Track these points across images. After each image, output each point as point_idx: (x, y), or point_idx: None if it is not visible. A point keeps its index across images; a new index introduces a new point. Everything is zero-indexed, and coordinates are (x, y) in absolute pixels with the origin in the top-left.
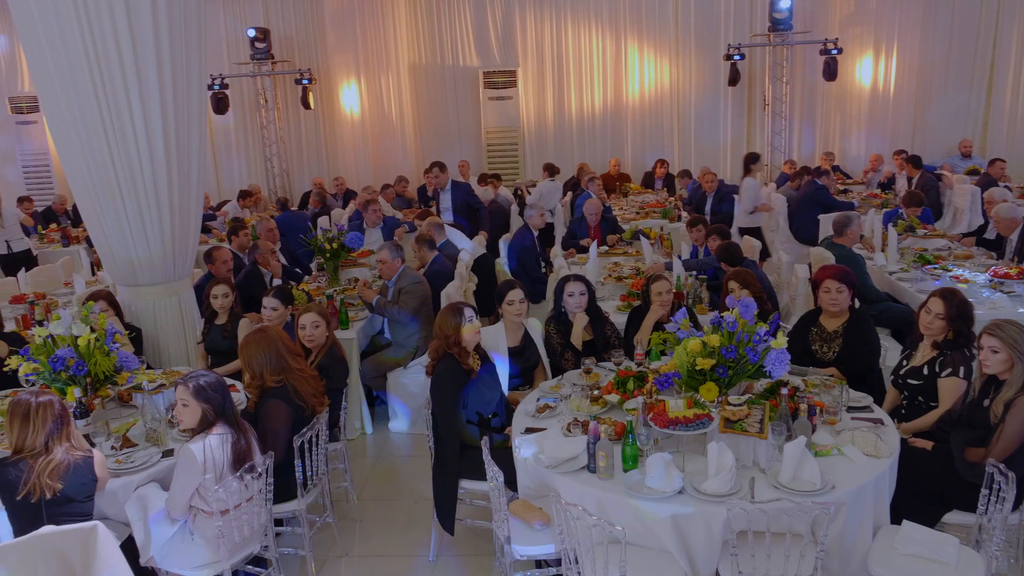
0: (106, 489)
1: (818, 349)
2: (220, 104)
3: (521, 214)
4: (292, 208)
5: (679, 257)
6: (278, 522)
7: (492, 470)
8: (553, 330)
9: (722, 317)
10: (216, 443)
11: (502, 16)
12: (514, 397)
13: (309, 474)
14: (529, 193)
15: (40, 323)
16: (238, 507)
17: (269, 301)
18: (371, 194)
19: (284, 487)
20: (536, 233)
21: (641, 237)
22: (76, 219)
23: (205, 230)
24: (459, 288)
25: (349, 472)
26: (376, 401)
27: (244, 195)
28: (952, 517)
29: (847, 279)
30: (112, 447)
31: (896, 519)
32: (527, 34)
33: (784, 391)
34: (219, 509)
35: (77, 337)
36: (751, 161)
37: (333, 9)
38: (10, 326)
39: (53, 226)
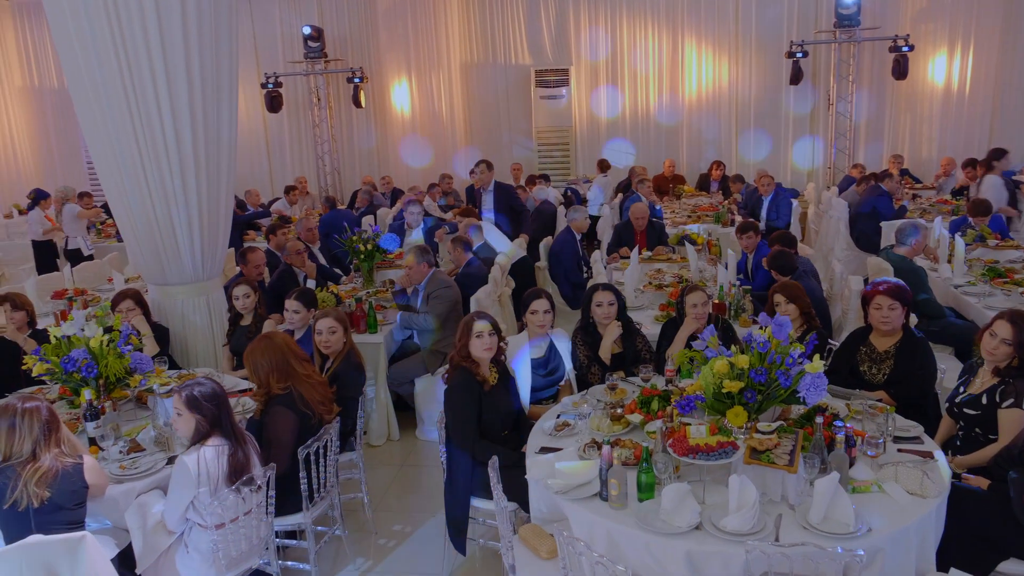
0: (107, 496)
1: (866, 370)
2: (274, 102)
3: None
4: (340, 207)
5: (725, 265)
6: (289, 534)
7: (498, 491)
8: (580, 341)
9: (754, 335)
10: (211, 455)
11: (556, 13)
12: (535, 412)
13: (316, 486)
14: (579, 192)
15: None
16: (235, 521)
17: (291, 304)
18: (417, 194)
19: (289, 499)
20: (580, 236)
21: (686, 243)
22: None
23: (255, 228)
24: (491, 293)
25: (365, 483)
26: (404, 407)
27: (288, 190)
28: (1008, 567)
29: (901, 296)
30: (120, 451)
31: (943, 567)
32: (581, 31)
33: (819, 419)
34: (214, 523)
35: (89, 338)
36: None
37: (386, 7)
38: (49, 322)
39: (110, 221)
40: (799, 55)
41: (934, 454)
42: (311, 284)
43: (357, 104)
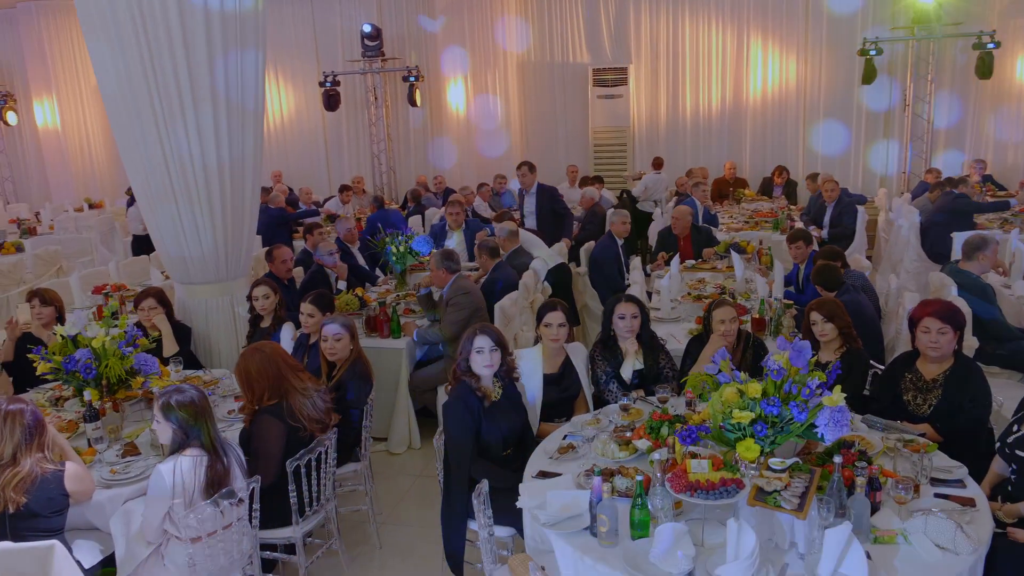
0: (94, 501)
1: (910, 400)
2: (331, 101)
3: None
4: (389, 206)
5: (761, 279)
6: (290, 548)
7: (482, 518)
8: (599, 356)
9: (772, 361)
10: (188, 465)
11: (616, 10)
12: (545, 430)
13: (308, 499)
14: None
15: (113, 315)
16: (213, 534)
17: (306, 307)
18: (467, 195)
19: (278, 512)
20: (621, 241)
21: (732, 252)
22: None
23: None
24: (518, 300)
25: (370, 495)
26: (428, 414)
27: (343, 189)
28: None
29: (953, 318)
30: (116, 455)
31: None
32: (641, 29)
33: (838, 458)
34: (190, 536)
35: (91, 339)
36: None
37: (444, 5)
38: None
39: None
40: (873, 53)
41: (976, 501)
42: (342, 285)
43: (412, 103)
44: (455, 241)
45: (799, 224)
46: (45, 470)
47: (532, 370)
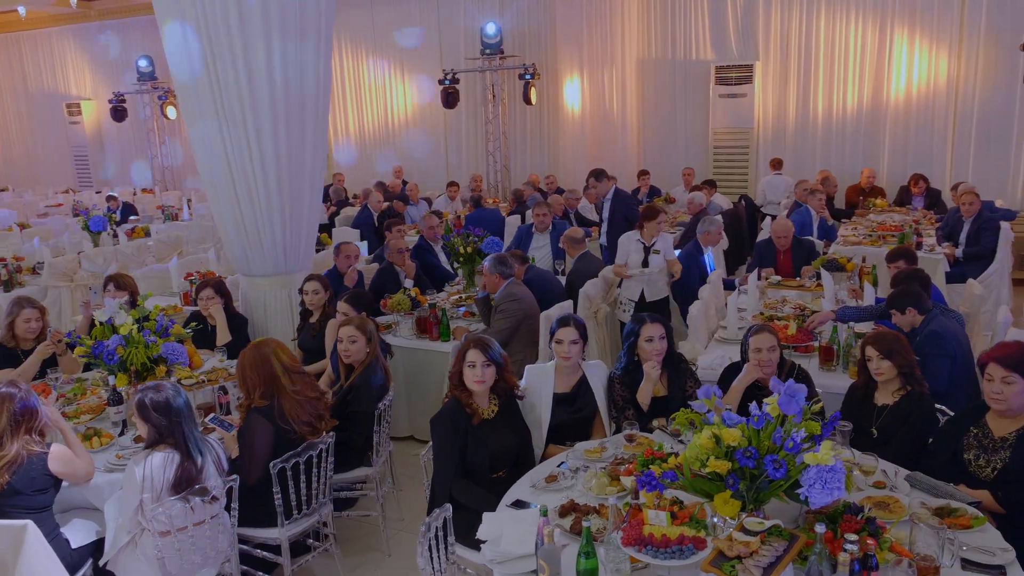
0: (93, 483)
1: (972, 460)
2: (449, 98)
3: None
4: (494, 205)
5: (853, 302)
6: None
7: (449, 542)
8: (618, 380)
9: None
10: (158, 462)
11: (744, 3)
12: (552, 453)
13: (296, 502)
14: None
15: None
16: (183, 530)
17: (341, 306)
18: (570, 198)
19: (265, 512)
20: (708, 249)
21: (823, 270)
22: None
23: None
24: (594, 299)
25: (382, 501)
26: None
27: (451, 185)
28: None
29: (1022, 366)
30: (133, 440)
31: None
32: (771, 23)
33: (821, 528)
34: (158, 529)
35: (118, 326)
36: None
37: (564, 2)
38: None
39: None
40: None
41: None
42: (408, 284)
43: (527, 101)
44: (540, 243)
45: (930, 240)
46: (32, 452)
47: (540, 388)
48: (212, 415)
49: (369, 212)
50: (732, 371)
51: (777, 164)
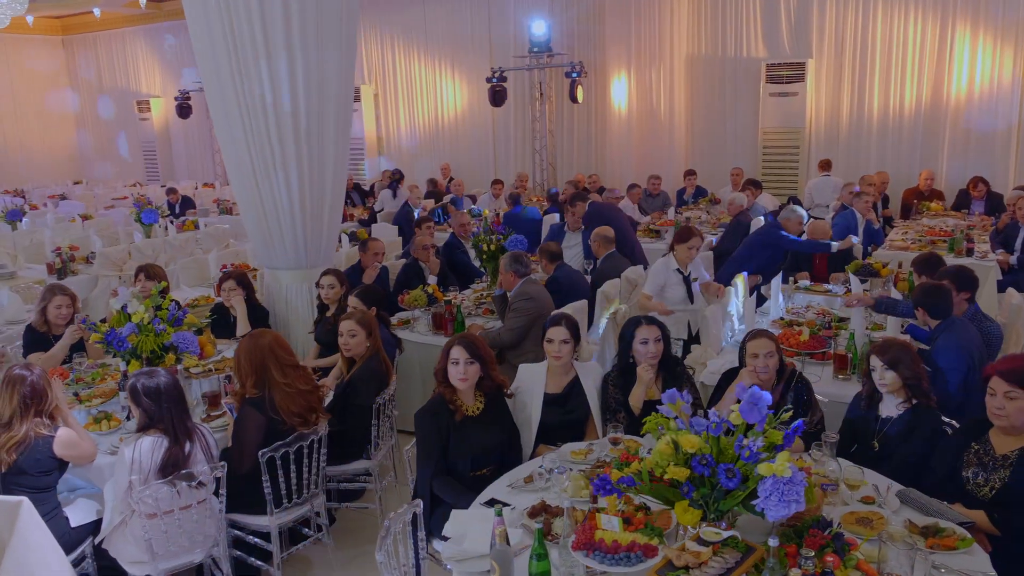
0: (95, 465)
1: (970, 478)
2: (496, 97)
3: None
4: (524, 204)
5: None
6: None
7: (418, 537)
8: (612, 383)
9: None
10: (147, 447)
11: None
12: (543, 453)
13: (285, 491)
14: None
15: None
16: (169, 513)
17: (351, 300)
18: (609, 197)
19: (255, 500)
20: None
21: (851, 275)
22: (362, 198)
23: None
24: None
25: (380, 492)
26: None
27: (495, 183)
28: None
29: None
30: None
31: None
32: (825, 19)
33: (773, 541)
34: (145, 512)
35: (130, 314)
36: None
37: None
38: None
39: None
40: None
41: None
42: (432, 280)
43: (573, 99)
44: (572, 243)
45: (983, 246)
46: (40, 434)
47: (532, 387)
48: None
49: (409, 208)
50: (729, 377)
51: (826, 165)
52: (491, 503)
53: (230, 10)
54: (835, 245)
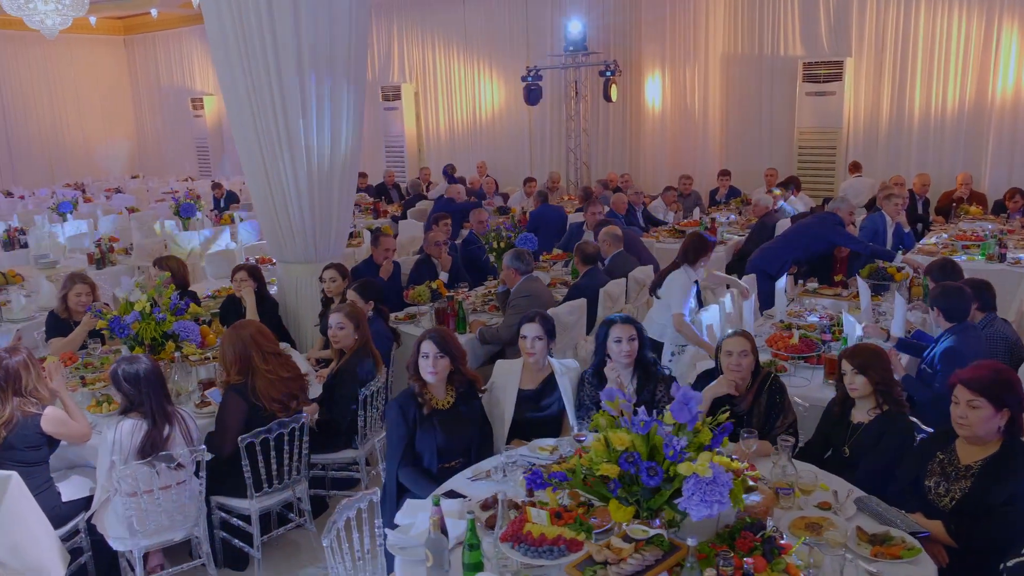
0: (89, 444)
1: (932, 487)
2: (531, 95)
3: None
4: (552, 202)
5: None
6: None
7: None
8: (589, 380)
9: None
10: (127, 428)
11: None
12: (517, 447)
13: (265, 476)
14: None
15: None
16: (149, 492)
17: (350, 294)
18: (632, 196)
19: (236, 483)
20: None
21: (859, 279)
22: (400, 194)
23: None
24: (581, 308)
25: (366, 482)
26: None
27: (527, 181)
28: None
29: (990, 390)
30: None
31: None
32: (865, 17)
33: (691, 541)
34: (126, 491)
35: (133, 302)
36: None
37: None
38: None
39: (370, 200)
40: None
41: None
42: (443, 276)
43: (607, 98)
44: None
45: (1016, 254)
46: (27, 413)
47: (506, 383)
48: (212, 389)
49: (444, 203)
50: (704, 378)
51: (856, 167)
52: (451, 494)
53: (245, 32)
54: (899, 256)
